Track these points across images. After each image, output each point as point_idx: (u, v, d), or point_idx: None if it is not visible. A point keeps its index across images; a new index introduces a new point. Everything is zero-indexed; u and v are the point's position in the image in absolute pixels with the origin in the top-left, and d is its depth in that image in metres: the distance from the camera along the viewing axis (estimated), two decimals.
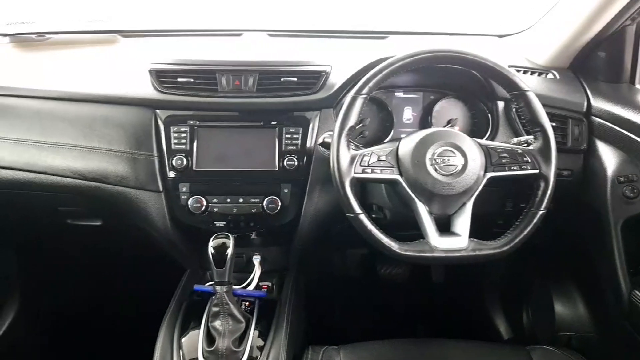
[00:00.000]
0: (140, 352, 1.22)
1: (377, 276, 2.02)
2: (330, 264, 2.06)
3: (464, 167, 1.06)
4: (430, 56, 1.10)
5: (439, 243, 1.05)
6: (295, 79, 1.28)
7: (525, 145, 1.14)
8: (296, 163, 1.27)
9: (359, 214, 1.06)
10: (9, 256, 1.87)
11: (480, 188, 1.08)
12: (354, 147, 1.11)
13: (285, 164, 1.27)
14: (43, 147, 1.30)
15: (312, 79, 1.29)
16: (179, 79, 1.28)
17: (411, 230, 1.09)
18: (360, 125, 1.21)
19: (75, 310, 2.01)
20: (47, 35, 1.65)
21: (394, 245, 1.06)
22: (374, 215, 1.28)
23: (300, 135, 1.29)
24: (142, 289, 1.80)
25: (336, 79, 1.29)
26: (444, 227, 1.09)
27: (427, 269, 1.92)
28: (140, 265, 1.89)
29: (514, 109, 1.32)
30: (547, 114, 1.11)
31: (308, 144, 1.29)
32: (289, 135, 1.29)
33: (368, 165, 1.08)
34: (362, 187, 1.28)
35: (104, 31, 1.69)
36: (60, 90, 1.34)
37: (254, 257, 1.42)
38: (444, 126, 1.36)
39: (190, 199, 1.28)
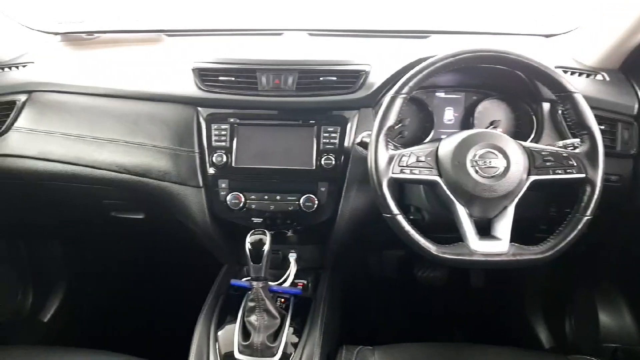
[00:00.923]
0: (178, 344, 1.25)
1: (413, 279, 2.00)
2: (366, 265, 2.05)
3: (506, 169, 1.04)
4: (473, 56, 1.08)
5: (478, 246, 1.02)
6: (335, 78, 1.28)
7: (571, 148, 1.10)
8: (333, 162, 1.27)
9: (396, 214, 1.05)
10: (56, 246, 1.95)
11: (522, 191, 1.05)
12: (392, 147, 1.10)
13: (322, 162, 1.28)
14: (91, 141, 1.35)
15: (352, 78, 1.29)
16: (221, 78, 1.31)
17: (450, 233, 1.07)
18: (400, 125, 1.20)
19: (115, 299, 2.08)
20: (96, 34, 1.72)
21: (431, 247, 1.04)
22: (411, 217, 1.26)
23: (339, 134, 1.28)
24: (180, 282, 1.85)
25: (376, 79, 1.29)
26: (484, 230, 1.06)
27: (465, 274, 1.89)
28: (180, 259, 1.94)
29: (560, 111, 1.28)
30: (595, 116, 1.06)
31: (346, 143, 1.29)
32: (327, 134, 1.29)
33: (407, 166, 1.07)
34: (400, 188, 1.27)
35: (149, 30, 1.74)
36: (108, 87, 1.39)
37: (290, 254, 1.43)
38: (486, 127, 1.33)
39: (229, 195, 1.30)
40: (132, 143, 1.34)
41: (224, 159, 1.29)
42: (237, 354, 1.14)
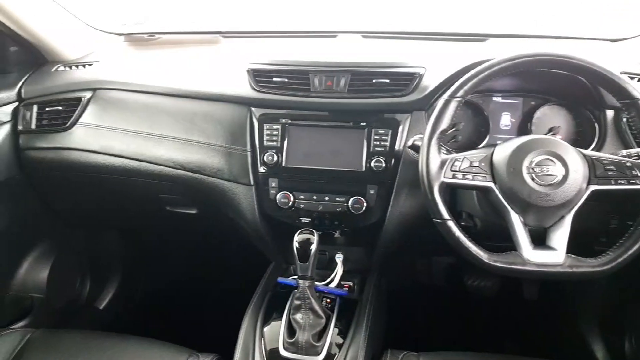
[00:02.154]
0: (224, 337, 1.27)
1: (463, 287, 1.95)
2: (414, 270, 2.03)
3: (565, 177, 1.00)
4: (532, 60, 1.05)
5: (532, 256, 0.99)
6: (388, 81, 1.27)
7: (636, 158, 1.04)
8: (384, 165, 1.27)
9: (447, 219, 1.03)
10: (113, 237, 2.04)
11: (581, 201, 1.00)
12: (445, 152, 1.08)
13: (372, 165, 1.27)
14: (149, 138, 1.41)
15: (405, 80, 1.27)
16: (274, 79, 1.32)
17: (502, 242, 1.04)
18: (453, 129, 1.18)
19: (166, 290, 2.15)
20: (157, 35, 1.79)
21: (483, 254, 1.01)
22: (463, 223, 1.23)
23: (390, 137, 1.27)
24: (229, 277, 1.89)
25: (430, 81, 1.27)
26: (539, 240, 1.02)
27: (518, 285, 1.82)
28: (229, 255, 1.98)
29: (624, 119, 1.22)
30: None
31: (397, 146, 1.27)
32: (377, 137, 1.28)
33: (459, 171, 1.04)
34: (452, 193, 1.24)
35: (207, 32, 1.79)
36: (167, 86, 1.44)
37: (337, 255, 1.44)
38: (545, 134, 1.28)
39: (279, 194, 1.32)
40: (188, 140, 1.38)
41: (275, 159, 1.31)
42: (282, 351, 1.15)
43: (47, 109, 1.50)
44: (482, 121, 1.35)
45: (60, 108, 1.49)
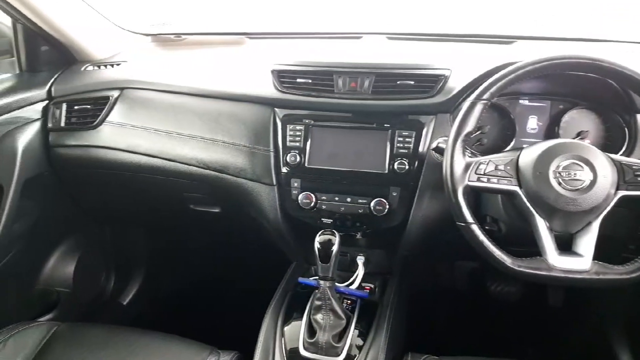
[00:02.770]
0: (245, 335, 1.28)
1: (486, 292, 1.93)
2: (436, 274, 2.01)
3: (593, 182, 0.97)
4: (561, 63, 1.03)
5: (557, 262, 0.97)
6: (412, 82, 1.26)
7: None
8: (407, 167, 1.26)
9: (471, 223, 1.02)
10: (138, 234, 2.08)
11: (609, 207, 0.98)
12: (469, 155, 1.07)
13: (395, 167, 1.26)
14: (174, 137, 1.42)
15: (430, 82, 1.26)
16: (298, 80, 1.33)
17: (527, 247, 1.02)
18: (478, 132, 1.17)
19: (189, 288, 2.17)
20: (184, 36, 1.81)
21: (507, 259, 1.00)
22: (487, 227, 1.21)
23: (413, 139, 1.26)
24: (250, 276, 1.90)
25: (455, 83, 1.26)
26: (565, 246, 1.01)
27: (543, 291, 1.79)
28: (251, 254, 1.99)
29: None
30: None
31: (421, 149, 1.26)
32: (401, 139, 1.27)
33: (484, 174, 1.03)
34: (476, 197, 1.23)
35: (232, 33, 1.81)
36: (192, 86, 1.45)
37: (358, 257, 1.43)
38: (573, 138, 1.26)
39: (301, 194, 1.32)
40: (212, 140, 1.40)
41: (298, 159, 1.31)
42: (302, 351, 1.15)
43: (76, 107, 1.53)
44: (508, 124, 1.33)
45: (88, 107, 1.52)
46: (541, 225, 1.00)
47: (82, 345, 1.27)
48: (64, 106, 1.53)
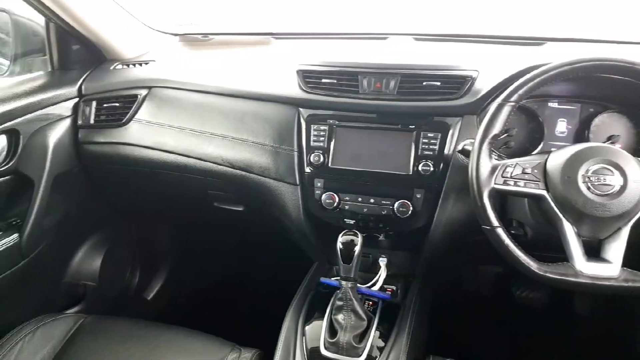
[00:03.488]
0: (266, 333, 1.29)
1: (510, 298, 1.90)
2: (459, 278, 1.98)
3: (623, 188, 0.95)
4: (592, 65, 1.00)
5: (585, 268, 0.95)
6: (439, 83, 1.25)
7: None
8: (432, 169, 1.24)
9: (496, 227, 1.00)
10: (163, 231, 2.11)
11: None
12: (496, 157, 1.05)
13: (420, 168, 1.25)
14: (200, 135, 1.44)
15: (456, 84, 1.25)
16: (323, 80, 1.33)
17: (554, 252, 1.00)
18: (506, 135, 1.15)
19: (212, 285, 2.19)
20: (211, 36, 1.83)
21: (532, 264, 0.98)
22: (512, 231, 1.20)
23: (439, 140, 1.25)
24: (271, 275, 1.91)
25: (482, 85, 1.24)
26: (593, 252, 0.98)
27: (569, 298, 1.75)
28: (273, 253, 2.00)
29: None
30: None
31: (446, 151, 1.25)
32: (426, 140, 1.26)
33: (510, 177, 1.02)
34: (502, 200, 1.21)
35: (259, 33, 1.82)
36: (219, 86, 1.47)
37: (380, 258, 1.42)
38: (604, 142, 1.23)
39: (324, 194, 1.32)
40: (237, 139, 1.41)
41: (321, 159, 1.31)
42: (323, 350, 1.15)
43: (105, 105, 1.56)
44: (536, 127, 1.30)
45: (117, 104, 1.54)
46: (569, 230, 0.98)
47: (107, 337, 1.30)
48: (94, 104, 1.56)
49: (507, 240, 1.00)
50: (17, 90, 1.42)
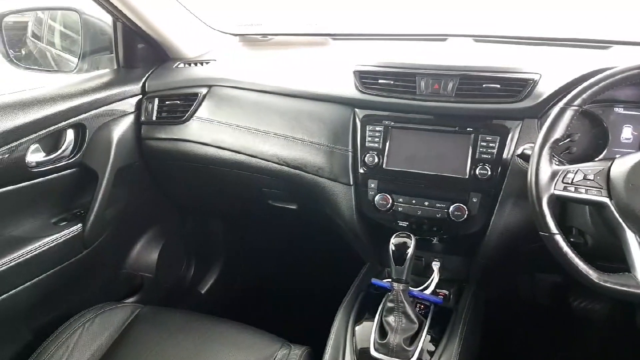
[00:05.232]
0: (316, 332, 1.29)
1: (568, 308, 1.83)
2: (515, 286, 1.93)
3: None
4: None
5: None
6: (499, 86, 1.22)
7: None
8: (489, 173, 1.22)
9: (555, 234, 0.97)
10: (218, 226, 2.16)
11: None
12: (557, 163, 1.03)
13: (477, 172, 1.23)
14: (256, 134, 1.47)
15: (517, 86, 1.21)
16: (380, 81, 1.32)
17: (615, 262, 0.96)
18: (568, 140, 1.11)
19: (264, 280, 2.23)
20: (270, 37, 1.86)
21: (592, 273, 0.95)
22: (572, 240, 1.16)
23: (497, 144, 1.22)
24: (323, 274, 1.92)
25: (545, 88, 1.20)
26: None
27: (631, 310, 1.67)
28: (326, 252, 2.01)
29: None
30: None
31: (505, 155, 1.22)
32: (484, 144, 1.23)
33: (571, 184, 0.99)
34: (562, 207, 1.17)
35: (317, 34, 1.84)
36: (276, 85, 1.49)
37: (434, 262, 1.40)
38: None
39: (377, 195, 1.31)
40: (292, 138, 1.43)
41: (376, 160, 1.31)
42: (372, 351, 1.15)
43: (167, 102, 1.61)
44: (600, 133, 1.25)
45: (178, 102, 1.59)
46: (631, 239, 0.94)
47: (163, 327, 1.35)
48: (156, 101, 1.62)
49: (566, 248, 0.97)
50: (85, 87, 1.48)
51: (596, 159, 1.23)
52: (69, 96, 1.42)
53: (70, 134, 1.47)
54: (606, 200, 0.97)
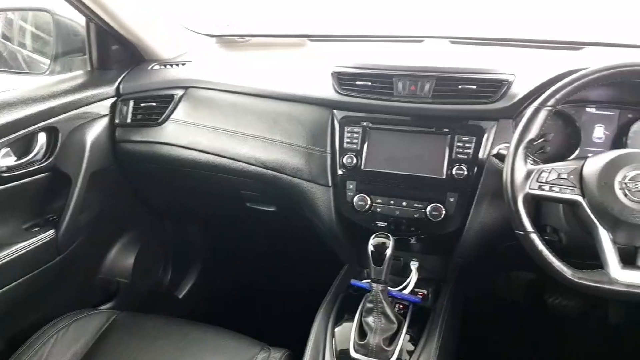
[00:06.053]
0: (295, 334, 1.29)
1: (543, 305, 1.86)
2: (491, 284, 1.95)
3: None
4: (631, 70, 0.98)
5: (620, 275, 0.93)
6: (474, 87, 1.24)
7: None
8: (465, 172, 1.23)
9: (530, 232, 0.99)
10: (195, 229, 2.14)
11: None
12: (531, 162, 1.04)
13: (453, 172, 1.24)
14: (234, 136, 1.46)
15: (492, 87, 1.23)
16: (358, 82, 1.32)
17: (588, 260, 0.98)
18: (542, 140, 1.13)
19: (242, 284, 2.21)
20: (247, 38, 1.85)
21: (566, 270, 0.97)
22: (546, 237, 1.18)
23: (473, 144, 1.24)
24: (302, 276, 1.91)
25: (519, 89, 1.22)
26: (629, 259, 0.96)
27: (604, 307, 1.71)
28: (304, 254, 2.01)
29: None
30: None
31: (480, 155, 1.24)
32: (460, 144, 1.25)
33: (546, 182, 1.00)
34: (536, 205, 1.19)
35: (294, 35, 1.83)
36: (254, 87, 1.48)
37: (412, 262, 1.41)
38: None
39: (356, 196, 1.32)
40: (270, 140, 1.42)
41: (354, 161, 1.31)
42: (352, 352, 1.15)
43: (142, 104, 1.59)
44: (573, 133, 1.28)
45: (154, 104, 1.57)
46: (604, 237, 0.96)
47: (139, 333, 1.33)
48: (131, 103, 1.59)
49: (541, 246, 0.98)
50: (57, 89, 1.45)
51: (569, 158, 1.25)
52: (40, 99, 1.38)
53: (42, 138, 1.43)
54: (579, 198, 0.98)
